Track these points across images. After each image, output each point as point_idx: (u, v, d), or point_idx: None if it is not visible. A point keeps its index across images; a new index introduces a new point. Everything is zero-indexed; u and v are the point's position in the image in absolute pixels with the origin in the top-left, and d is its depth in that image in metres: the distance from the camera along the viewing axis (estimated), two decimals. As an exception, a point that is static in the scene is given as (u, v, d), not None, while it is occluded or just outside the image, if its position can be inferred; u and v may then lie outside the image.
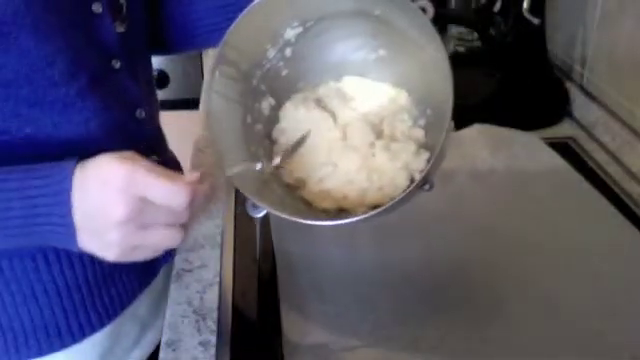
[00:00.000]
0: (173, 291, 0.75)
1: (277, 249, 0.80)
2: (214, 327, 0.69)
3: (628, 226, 0.82)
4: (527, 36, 1.12)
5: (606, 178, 0.95)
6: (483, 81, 1.17)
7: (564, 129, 1.11)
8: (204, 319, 0.71)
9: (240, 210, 0.92)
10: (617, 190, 0.92)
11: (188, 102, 1.69)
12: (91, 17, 0.59)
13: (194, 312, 0.72)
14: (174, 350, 0.67)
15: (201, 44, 0.79)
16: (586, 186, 0.90)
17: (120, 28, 0.63)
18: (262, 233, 0.85)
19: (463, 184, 0.92)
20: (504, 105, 1.13)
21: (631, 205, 0.88)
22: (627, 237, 0.80)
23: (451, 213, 0.87)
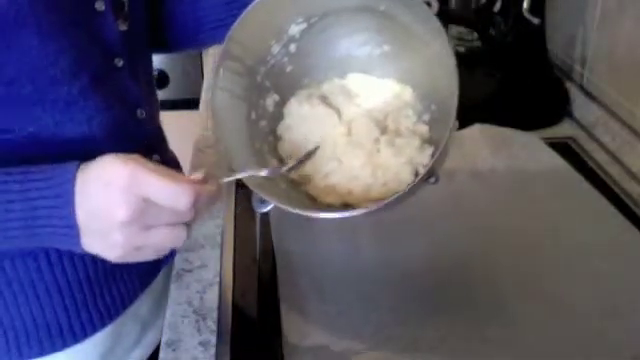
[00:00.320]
0: (173, 291, 0.75)
1: (277, 249, 0.80)
2: (214, 327, 0.69)
3: (628, 226, 0.82)
4: (527, 36, 1.12)
5: (606, 178, 0.95)
6: (483, 81, 1.17)
7: (564, 129, 1.11)
8: (204, 319, 0.71)
9: (240, 210, 0.92)
10: (617, 190, 0.92)
11: (188, 102, 1.68)
12: (94, 15, 0.59)
13: (194, 312, 0.72)
14: (174, 350, 0.67)
15: (205, 41, 0.79)
16: (586, 186, 0.90)
17: (122, 26, 0.63)
18: (262, 233, 0.85)
19: (463, 184, 0.92)
20: (504, 105, 1.12)
21: (631, 205, 0.88)
22: (627, 237, 0.80)
23: (451, 213, 0.87)
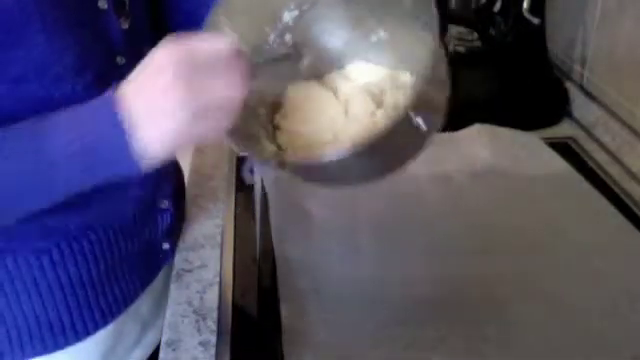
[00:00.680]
0: (173, 291, 0.75)
1: (277, 249, 0.80)
2: (214, 327, 0.69)
3: (628, 226, 0.82)
4: (527, 36, 1.12)
5: (606, 178, 0.95)
6: (483, 81, 1.17)
7: (564, 129, 1.11)
8: (204, 319, 0.71)
9: (240, 210, 0.92)
10: (617, 190, 0.92)
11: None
12: (97, 13, 0.60)
13: (194, 312, 0.72)
14: (174, 350, 0.67)
15: None
16: (586, 186, 0.90)
17: (125, 25, 0.63)
18: (262, 233, 0.85)
19: (463, 184, 0.92)
20: (504, 105, 1.12)
21: (631, 205, 0.88)
22: (627, 237, 0.80)
23: (451, 212, 0.87)
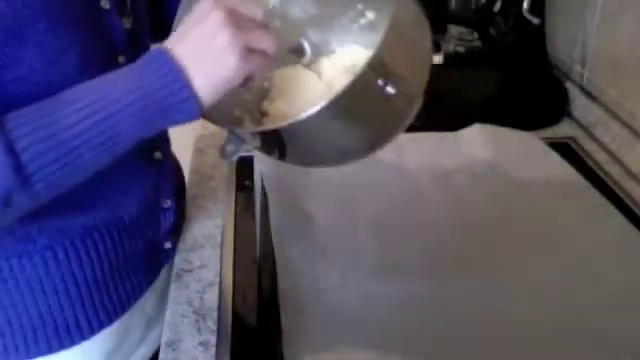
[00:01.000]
0: (173, 291, 0.75)
1: (277, 249, 0.80)
2: (214, 327, 0.69)
3: (628, 226, 0.82)
4: (527, 36, 1.12)
5: (606, 178, 0.95)
6: (483, 81, 1.17)
7: (564, 129, 1.11)
8: (204, 319, 0.71)
9: (240, 210, 0.92)
10: (617, 190, 0.92)
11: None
12: (100, 12, 0.60)
13: (194, 312, 0.72)
14: (174, 350, 0.67)
15: None
16: (586, 186, 0.90)
17: (127, 24, 0.64)
18: (262, 233, 0.85)
19: (463, 184, 0.92)
20: (504, 105, 1.12)
21: (631, 205, 0.88)
22: (627, 237, 0.80)
23: (451, 212, 0.87)
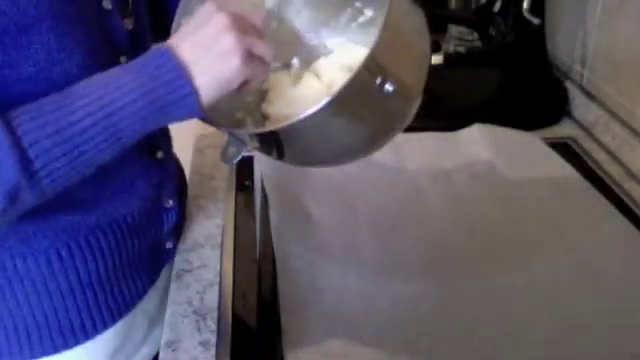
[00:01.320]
0: (173, 291, 0.75)
1: (277, 249, 0.80)
2: (214, 327, 0.69)
3: (628, 226, 0.82)
4: (527, 36, 1.12)
5: (606, 178, 0.95)
6: (483, 81, 1.17)
7: (564, 129, 1.11)
8: (204, 319, 0.71)
9: (240, 210, 0.92)
10: (617, 190, 0.92)
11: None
12: (103, 13, 0.60)
13: (194, 312, 0.72)
14: (174, 350, 0.67)
15: None
16: (586, 186, 0.90)
17: (129, 25, 0.64)
18: (262, 233, 0.85)
19: (463, 184, 0.92)
20: (504, 105, 1.12)
21: (631, 205, 0.88)
22: (627, 237, 0.80)
23: (451, 213, 0.87)
